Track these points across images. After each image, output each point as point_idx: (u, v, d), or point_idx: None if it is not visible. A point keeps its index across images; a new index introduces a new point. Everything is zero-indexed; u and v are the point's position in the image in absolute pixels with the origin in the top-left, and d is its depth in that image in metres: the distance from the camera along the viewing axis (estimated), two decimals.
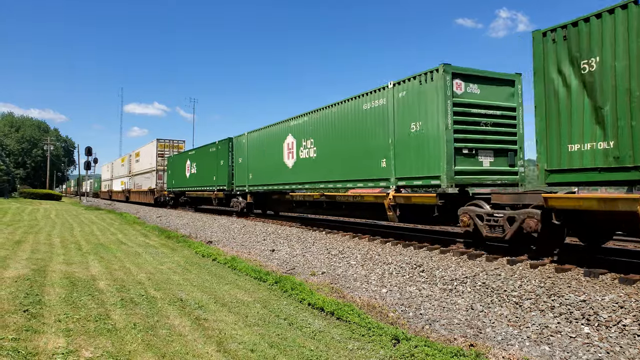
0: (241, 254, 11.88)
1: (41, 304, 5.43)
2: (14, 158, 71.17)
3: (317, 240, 12.99)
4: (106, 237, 14.21)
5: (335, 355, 4.74)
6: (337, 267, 9.89)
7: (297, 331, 5.48)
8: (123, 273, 8.10)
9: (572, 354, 5.02)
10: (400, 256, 9.86)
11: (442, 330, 5.95)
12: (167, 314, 5.58)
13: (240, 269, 9.41)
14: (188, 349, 4.41)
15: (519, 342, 5.44)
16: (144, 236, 15.50)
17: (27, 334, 4.35)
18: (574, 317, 5.82)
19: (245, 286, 7.90)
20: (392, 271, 8.97)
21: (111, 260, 9.56)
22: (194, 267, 9.53)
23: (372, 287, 8.21)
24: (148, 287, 7.01)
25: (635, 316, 5.48)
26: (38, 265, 8.06)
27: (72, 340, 4.27)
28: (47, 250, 10.36)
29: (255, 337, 5.02)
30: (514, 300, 6.62)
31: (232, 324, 5.47)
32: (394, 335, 5.29)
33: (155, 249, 12.18)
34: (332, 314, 6.26)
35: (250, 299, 6.90)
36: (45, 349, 4.01)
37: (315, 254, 11.41)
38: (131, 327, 4.86)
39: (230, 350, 4.49)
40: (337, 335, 5.41)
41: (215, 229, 18.19)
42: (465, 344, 5.30)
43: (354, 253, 10.76)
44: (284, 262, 10.86)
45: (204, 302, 6.37)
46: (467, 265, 8.59)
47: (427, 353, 4.78)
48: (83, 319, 4.97)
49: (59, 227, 17.21)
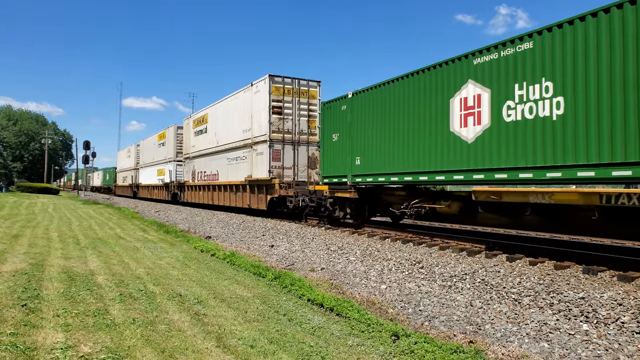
0: (240, 249, 11.87)
1: (39, 299, 5.41)
2: (12, 151, 70.95)
3: (316, 236, 12.98)
4: (104, 232, 14.17)
5: (335, 351, 4.74)
6: (336, 263, 9.89)
7: (297, 327, 5.47)
8: (122, 268, 8.08)
9: (570, 350, 5.02)
10: (399, 252, 9.86)
11: (442, 326, 5.95)
12: (166, 309, 5.56)
13: (239, 264, 9.39)
14: (187, 344, 4.40)
15: (518, 339, 5.45)
16: (142, 231, 15.47)
17: (25, 328, 4.33)
18: (572, 314, 5.83)
19: (245, 281, 7.89)
20: (391, 267, 8.97)
21: (109, 254, 9.53)
22: (193, 262, 9.51)
23: (371, 283, 8.21)
24: (147, 282, 6.99)
25: (633, 313, 5.49)
26: (36, 260, 8.02)
27: (71, 335, 4.25)
28: (45, 245, 10.33)
29: (254, 332, 5.01)
30: (513, 297, 6.62)
31: (232, 319, 5.45)
32: (393, 332, 5.29)
33: (154, 243, 12.16)
34: (331, 310, 6.25)
35: (249, 295, 6.89)
36: (43, 344, 3.98)
37: (314, 249, 11.40)
38: (130, 322, 4.84)
39: (230, 346, 4.48)
40: (336, 331, 5.40)
41: (214, 224, 18.17)
42: (465, 340, 5.30)
43: (353, 249, 10.75)
44: (283, 258, 10.85)
45: (203, 298, 6.36)
46: (467, 261, 8.59)
47: (427, 349, 4.78)
48: (82, 314, 4.95)
49: (57, 221, 17.16)
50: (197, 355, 4.15)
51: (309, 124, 18.22)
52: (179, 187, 29.56)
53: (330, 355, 4.59)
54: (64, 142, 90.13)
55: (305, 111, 18.13)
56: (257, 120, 18.55)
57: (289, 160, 17.81)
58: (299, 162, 17.91)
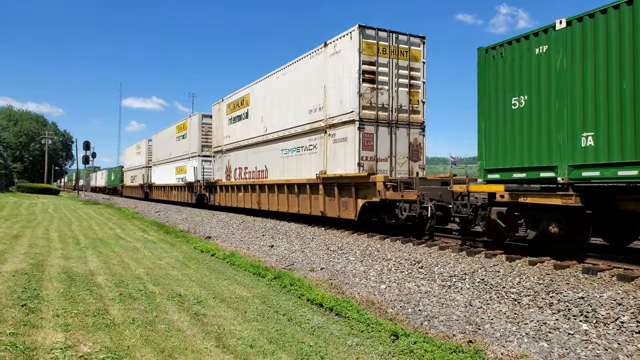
0: (240, 250, 11.87)
1: (39, 299, 5.41)
2: (12, 152, 70.94)
3: (316, 236, 12.99)
4: (104, 232, 14.18)
5: (335, 351, 4.74)
6: (336, 263, 9.89)
7: (296, 327, 5.48)
8: (121, 268, 8.08)
9: (570, 350, 5.03)
10: (399, 252, 9.86)
11: (441, 326, 5.96)
12: (165, 309, 5.57)
13: (239, 264, 9.40)
14: (187, 344, 4.40)
15: (518, 339, 5.45)
16: (142, 231, 15.48)
17: (25, 328, 4.33)
18: (572, 313, 5.83)
19: (244, 281, 7.90)
20: (391, 267, 8.97)
21: (109, 255, 9.54)
22: (193, 263, 9.51)
23: (371, 283, 8.22)
24: (146, 282, 6.99)
25: (633, 313, 5.49)
26: (36, 260, 8.03)
27: (71, 335, 4.26)
28: (45, 245, 10.34)
29: (254, 332, 5.02)
30: (513, 297, 6.63)
31: (231, 319, 5.46)
32: (393, 331, 5.29)
33: (154, 244, 12.17)
34: (331, 310, 6.26)
35: (249, 295, 6.89)
36: (43, 344, 3.99)
37: (314, 249, 11.41)
38: (130, 322, 4.85)
39: (230, 346, 4.48)
40: (336, 331, 5.41)
41: (214, 224, 18.18)
42: (464, 340, 5.30)
43: (353, 249, 10.76)
44: (283, 258, 10.86)
45: (202, 298, 6.36)
46: (466, 261, 8.59)
47: (426, 349, 4.78)
48: (81, 314, 4.95)
49: (57, 221, 17.17)
50: (196, 355, 4.15)
51: (409, 97, 13.14)
52: (208, 188, 24.56)
53: (329, 355, 4.60)
54: (64, 142, 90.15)
55: (405, 78, 13.09)
56: (335, 93, 13.39)
57: (384, 148, 12.76)
58: (397, 151, 12.98)
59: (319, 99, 14.24)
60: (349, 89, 12.68)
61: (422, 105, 13.37)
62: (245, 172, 20.13)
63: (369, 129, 12.49)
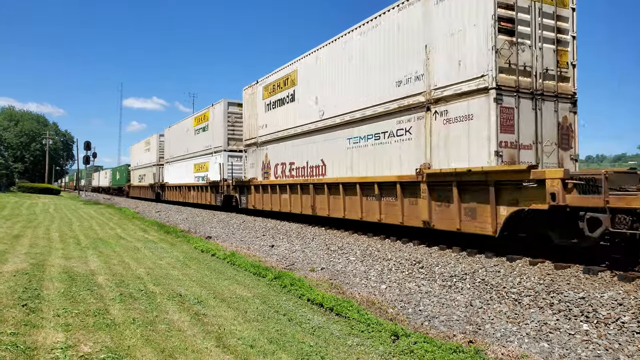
0: (240, 250, 11.88)
1: (40, 299, 5.42)
2: (13, 152, 71.03)
3: (316, 236, 12.99)
4: (105, 232, 14.19)
5: (335, 351, 4.74)
6: (336, 263, 9.89)
7: (297, 327, 5.48)
8: (122, 268, 8.09)
9: (570, 350, 5.02)
10: (399, 252, 9.86)
11: (442, 326, 5.95)
12: (166, 309, 5.57)
13: (239, 264, 9.40)
14: (187, 344, 4.40)
15: (518, 339, 5.45)
16: (142, 231, 15.49)
17: (25, 328, 4.34)
18: (572, 314, 5.83)
19: (245, 281, 7.90)
20: (391, 267, 8.97)
21: (110, 255, 9.54)
22: (193, 262, 9.52)
23: (371, 283, 8.22)
24: (147, 282, 7.00)
25: (634, 313, 5.49)
26: (37, 260, 8.04)
27: (71, 335, 4.26)
28: (46, 245, 10.34)
29: (254, 332, 5.02)
30: (513, 297, 6.62)
31: (232, 319, 5.46)
32: (393, 332, 5.29)
33: (154, 244, 12.17)
34: (331, 310, 6.26)
35: (249, 295, 6.89)
36: (44, 344, 3.99)
37: (314, 249, 11.41)
38: (130, 322, 4.85)
39: (230, 346, 4.48)
40: (336, 331, 5.41)
41: (214, 224, 18.19)
42: (465, 340, 5.30)
43: (353, 249, 10.76)
44: (283, 258, 10.86)
45: (203, 298, 6.36)
46: (467, 261, 8.59)
47: (427, 349, 4.78)
48: (82, 314, 4.95)
49: (58, 221, 17.19)
50: (196, 355, 4.15)
51: (557, 56, 9.47)
52: (238, 188, 20.80)
53: (329, 355, 4.60)
54: (65, 142, 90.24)
55: (551, 31, 9.43)
56: (447, 52, 9.69)
57: (528, 130, 9.02)
58: (543, 134, 9.23)
59: (416, 65, 10.55)
60: (475, 43, 9.00)
61: (573, 70, 9.61)
62: (291, 169, 16.45)
63: (508, 102, 8.76)
